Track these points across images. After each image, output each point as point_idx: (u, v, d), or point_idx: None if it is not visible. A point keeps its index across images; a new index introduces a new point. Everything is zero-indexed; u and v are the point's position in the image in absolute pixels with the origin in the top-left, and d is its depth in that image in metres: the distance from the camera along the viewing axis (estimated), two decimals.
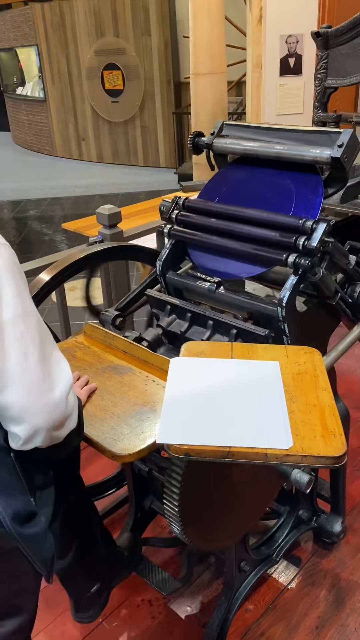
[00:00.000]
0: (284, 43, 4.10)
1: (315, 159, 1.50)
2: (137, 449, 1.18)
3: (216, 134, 1.74)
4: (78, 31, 8.93)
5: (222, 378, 1.24)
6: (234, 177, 1.74)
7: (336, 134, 1.48)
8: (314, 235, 1.37)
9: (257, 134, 1.67)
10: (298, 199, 1.55)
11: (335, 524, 1.94)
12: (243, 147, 1.66)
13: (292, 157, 1.54)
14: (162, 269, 1.70)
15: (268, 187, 1.64)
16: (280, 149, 1.56)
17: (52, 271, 1.80)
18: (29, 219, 7.21)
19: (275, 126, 1.67)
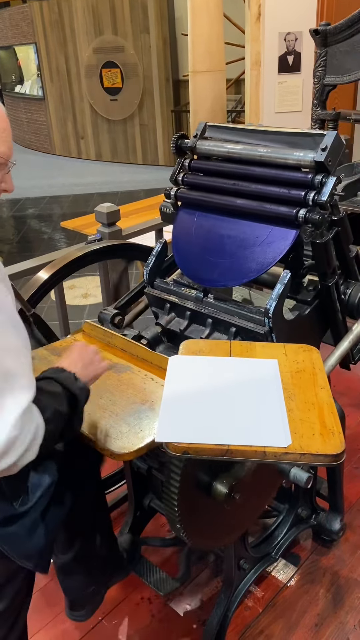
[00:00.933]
0: (282, 41, 4.09)
1: (298, 162, 1.46)
2: (136, 448, 1.18)
3: (199, 136, 1.70)
4: (76, 29, 8.92)
5: (221, 376, 1.24)
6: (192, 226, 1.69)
7: (320, 136, 1.44)
8: (324, 190, 1.37)
9: (241, 136, 1.64)
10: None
11: (334, 522, 1.94)
12: (226, 149, 1.62)
13: (275, 160, 1.51)
14: (149, 276, 1.69)
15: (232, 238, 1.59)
16: (264, 152, 1.53)
17: (51, 269, 1.80)
18: (28, 218, 7.20)
19: (259, 128, 1.64)
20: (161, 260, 1.72)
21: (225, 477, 1.28)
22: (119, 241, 2.33)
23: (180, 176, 1.70)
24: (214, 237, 1.59)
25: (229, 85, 6.85)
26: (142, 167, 9.17)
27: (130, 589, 1.87)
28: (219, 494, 1.27)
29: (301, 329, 1.53)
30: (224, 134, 1.69)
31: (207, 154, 1.70)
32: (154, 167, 9.06)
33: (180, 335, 1.60)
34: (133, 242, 2.34)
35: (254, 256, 1.48)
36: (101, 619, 1.78)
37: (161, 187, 1.74)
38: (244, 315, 1.48)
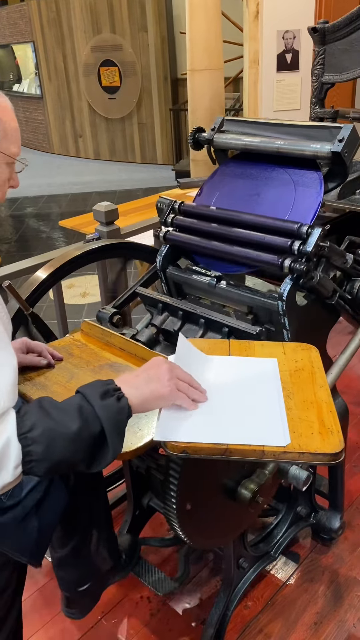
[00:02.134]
0: (280, 39, 4.08)
1: (315, 153, 1.50)
2: (135, 447, 1.18)
3: (217, 129, 1.74)
4: (74, 27, 8.90)
5: (220, 375, 1.24)
6: (233, 173, 1.74)
7: (336, 128, 1.49)
8: (309, 240, 1.37)
9: (258, 129, 1.68)
10: (298, 195, 1.55)
11: (334, 520, 1.94)
12: (243, 142, 1.67)
13: (292, 152, 1.55)
14: (162, 263, 1.70)
15: (268, 183, 1.64)
16: (281, 144, 1.57)
17: (49, 269, 1.79)
18: (26, 217, 7.19)
19: (276, 121, 1.67)
20: (175, 248, 1.73)
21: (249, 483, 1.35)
22: (117, 240, 2.32)
23: (169, 218, 1.70)
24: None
25: (227, 84, 6.84)
26: (141, 166, 9.16)
27: (130, 588, 1.87)
28: (243, 499, 1.34)
29: (312, 316, 1.55)
30: (242, 127, 1.72)
31: (224, 146, 1.74)
32: (152, 166, 9.05)
33: (175, 335, 1.60)
34: (131, 241, 2.33)
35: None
36: (100, 618, 1.78)
37: (160, 186, 1.75)
38: (257, 300, 1.48)
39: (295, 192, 1.56)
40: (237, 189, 1.70)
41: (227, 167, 1.78)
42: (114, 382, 1.02)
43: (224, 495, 1.44)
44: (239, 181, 1.71)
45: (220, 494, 1.43)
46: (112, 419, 0.96)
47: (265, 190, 1.64)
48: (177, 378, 1.07)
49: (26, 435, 0.92)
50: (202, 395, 1.11)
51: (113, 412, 0.97)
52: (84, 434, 0.95)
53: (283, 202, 1.56)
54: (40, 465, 0.93)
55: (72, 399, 0.99)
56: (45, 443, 0.92)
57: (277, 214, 1.54)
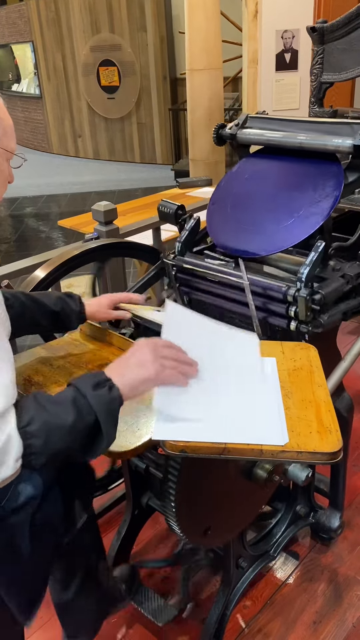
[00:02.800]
0: (279, 38, 4.08)
1: (337, 148, 1.55)
2: (134, 446, 1.18)
3: (240, 125, 1.80)
4: (73, 27, 8.90)
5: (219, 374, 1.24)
6: (254, 167, 1.80)
7: (358, 124, 1.54)
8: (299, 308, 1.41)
9: (280, 126, 1.74)
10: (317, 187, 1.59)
11: (333, 520, 1.94)
12: (266, 137, 1.74)
13: (314, 146, 1.61)
14: (180, 249, 1.72)
15: (288, 175, 1.69)
16: (303, 139, 1.63)
17: (47, 268, 1.79)
18: (26, 217, 7.19)
19: (298, 118, 1.74)
20: (194, 235, 1.76)
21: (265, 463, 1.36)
22: (116, 239, 2.32)
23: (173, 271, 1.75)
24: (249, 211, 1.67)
25: (226, 83, 6.84)
26: (140, 166, 9.16)
27: None
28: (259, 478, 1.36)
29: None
30: (264, 124, 1.78)
31: (247, 142, 1.80)
32: (151, 166, 9.05)
33: None
34: (130, 241, 2.33)
35: (288, 229, 1.54)
36: None
37: (159, 185, 1.76)
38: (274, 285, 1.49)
39: (315, 184, 1.60)
40: (256, 182, 1.75)
41: (248, 161, 1.84)
42: (104, 373, 1.04)
43: (223, 493, 1.44)
44: (259, 174, 1.77)
45: (219, 493, 1.43)
46: (105, 409, 0.99)
47: (285, 183, 1.68)
48: (161, 357, 1.06)
49: (25, 429, 0.93)
50: (192, 368, 1.10)
51: (105, 402, 0.99)
52: (80, 425, 0.97)
53: (302, 194, 1.60)
54: (39, 457, 0.95)
55: (66, 392, 1.01)
56: (44, 436, 0.94)
57: (296, 206, 1.58)
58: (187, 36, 5.22)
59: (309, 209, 1.54)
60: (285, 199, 1.62)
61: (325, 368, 1.26)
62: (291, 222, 1.54)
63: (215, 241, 1.70)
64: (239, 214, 1.68)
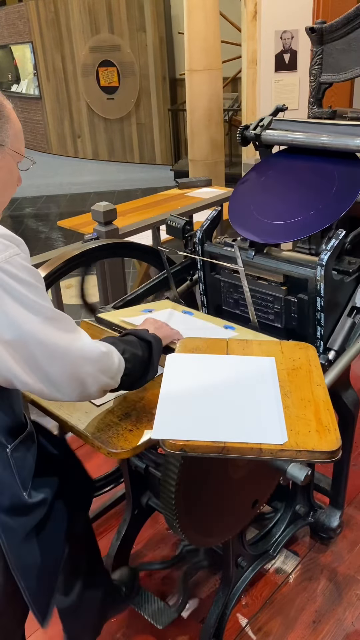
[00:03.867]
0: (278, 39, 4.08)
1: (359, 147, 1.63)
2: (133, 446, 1.18)
3: (265, 127, 1.88)
4: (73, 28, 8.90)
5: (218, 374, 1.24)
6: (277, 165, 1.88)
7: None
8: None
9: (302, 127, 1.83)
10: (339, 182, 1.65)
11: (333, 519, 1.95)
12: (290, 138, 1.83)
13: (337, 146, 1.69)
14: (201, 237, 1.81)
15: (311, 171, 1.77)
16: (326, 140, 1.72)
17: (47, 269, 1.79)
18: (25, 217, 7.19)
19: (320, 121, 1.86)
20: (214, 225, 1.86)
21: None
22: (115, 240, 2.33)
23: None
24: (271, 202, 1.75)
25: (225, 84, 6.85)
26: (139, 166, 9.16)
27: None
28: None
29: (342, 293, 1.61)
30: (287, 126, 1.87)
31: (271, 142, 1.89)
32: (150, 166, 9.05)
33: None
34: (130, 241, 2.33)
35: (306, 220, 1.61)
36: None
37: (158, 186, 1.78)
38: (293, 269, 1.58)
39: (337, 180, 1.67)
40: (279, 178, 1.83)
41: (270, 160, 1.92)
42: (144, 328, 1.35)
43: (222, 493, 1.44)
44: (282, 171, 1.85)
45: (218, 492, 1.43)
46: (157, 347, 1.28)
47: (306, 179, 1.76)
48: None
49: (123, 356, 1.18)
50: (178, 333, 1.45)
51: (157, 343, 1.29)
52: (146, 357, 1.25)
53: (323, 189, 1.66)
54: (127, 379, 1.20)
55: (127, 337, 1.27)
56: (132, 362, 1.20)
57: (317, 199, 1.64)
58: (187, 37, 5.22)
59: (329, 202, 1.60)
60: (307, 192, 1.69)
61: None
62: (312, 214, 1.60)
63: (237, 228, 1.76)
64: (261, 204, 1.76)
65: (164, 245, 2.87)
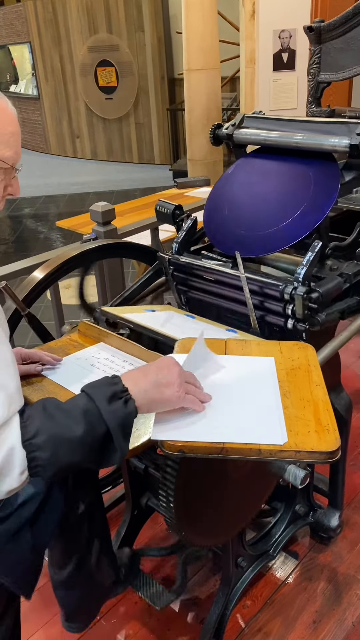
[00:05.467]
0: (277, 38, 4.08)
1: (334, 147, 1.55)
2: (132, 447, 1.17)
3: (237, 125, 1.80)
4: (71, 28, 8.89)
5: (217, 374, 1.24)
6: (251, 167, 1.80)
7: (354, 124, 1.54)
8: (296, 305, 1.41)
9: (277, 125, 1.74)
10: (315, 186, 1.59)
11: (332, 519, 1.94)
12: (263, 137, 1.74)
13: (311, 146, 1.60)
14: (178, 249, 1.73)
15: (285, 175, 1.69)
16: (299, 139, 1.63)
17: (45, 269, 1.79)
18: (24, 217, 7.19)
19: (294, 118, 1.74)
20: (191, 236, 1.77)
21: None
22: (114, 240, 2.32)
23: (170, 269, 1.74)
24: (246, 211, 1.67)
25: (224, 83, 6.84)
26: (138, 166, 9.16)
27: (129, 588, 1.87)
28: None
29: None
30: (261, 124, 1.78)
31: (244, 141, 1.80)
32: (149, 166, 9.05)
33: None
34: (128, 241, 2.33)
35: (284, 229, 1.54)
36: (99, 619, 1.78)
37: (157, 186, 1.76)
38: (271, 283, 1.49)
39: (313, 184, 1.60)
40: (253, 183, 1.75)
41: (244, 161, 1.83)
42: (122, 382, 0.99)
43: (221, 493, 1.44)
44: (256, 175, 1.77)
45: (218, 492, 1.43)
46: (119, 423, 0.95)
47: (281, 183, 1.69)
48: (186, 382, 1.04)
49: (31, 442, 0.90)
50: (207, 396, 1.09)
51: (120, 417, 0.95)
52: (90, 439, 0.93)
53: (299, 194, 1.60)
54: (47, 470, 0.92)
55: (78, 399, 0.96)
56: (51, 449, 0.91)
57: (293, 206, 1.58)
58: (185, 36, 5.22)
59: (305, 209, 1.54)
60: (282, 199, 1.62)
61: (323, 368, 1.26)
62: (288, 222, 1.54)
63: (212, 241, 1.69)
64: (236, 214, 1.68)
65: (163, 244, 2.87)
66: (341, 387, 1.74)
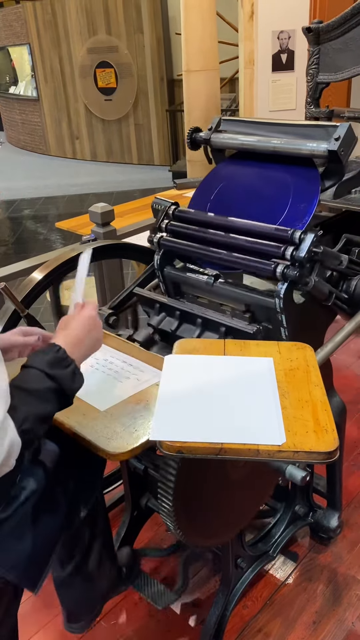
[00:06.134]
0: (275, 39, 4.08)
1: (312, 152, 1.51)
2: (131, 447, 1.18)
3: (214, 129, 1.75)
4: (70, 29, 8.90)
5: (216, 375, 1.24)
6: (230, 173, 1.75)
7: (333, 127, 1.50)
8: (302, 246, 1.37)
9: (255, 129, 1.69)
10: (295, 193, 1.56)
11: (332, 519, 1.95)
12: (240, 141, 1.68)
13: (289, 150, 1.56)
14: (160, 262, 1.69)
15: (265, 182, 1.64)
16: (277, 143, 1.58)
17: (44, 270, 1.79)
18: (24, 218, 7.19)
19: (272, 121, 1.68)
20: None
21: None
22: (113, 241, 2.33)
23: (163, 223, 1.69)
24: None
25: (223, 84, 6.84)
26: (138, 167, 9.16)
27: (129, 589, 1.87)
28: None
29: (309, 314, 1.54)
30: (239, 127, 1.73)
31: (221, 146, 1.74)
32: (149, 167, 9.05)
33: (172, 335, 1.60)
34: (127, 242, 2.33)
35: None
36: (99, 620, 1.78)
37: (157, 187, 1.75)
38: (254, 298, 1.48)
39: (292, 192, 1.56)
40: (233, 189, 1.70)
41: (223, 167, 1.78)
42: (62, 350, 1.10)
43: (221, 494, 1.44)
44: (236, 181, 1.71)
45: (217, 493, 1.43)
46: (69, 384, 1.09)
47: (261, 190, 1.64)
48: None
49: (22, 429, 0.99)
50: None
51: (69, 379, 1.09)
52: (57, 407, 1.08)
53: (280, 201, 1.57)
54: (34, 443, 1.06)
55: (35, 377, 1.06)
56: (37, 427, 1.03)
57: (274, 214, 1.54)
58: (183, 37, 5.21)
59: (286, 218, 1.52)
60: (263, 208, 1.58)
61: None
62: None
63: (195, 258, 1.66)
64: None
65: None
66: (334, 392, 1.73)
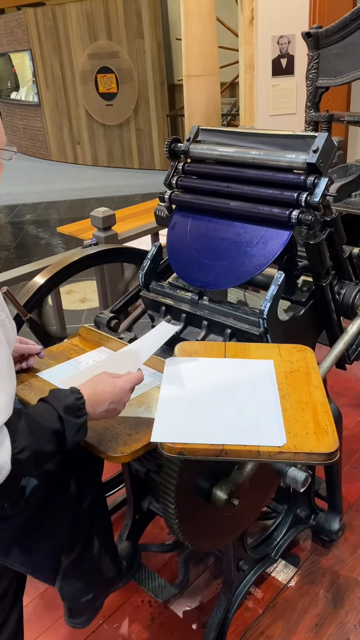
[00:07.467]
0: (275, 44, 4.10)
1: (290, 164, 1.47)
2: (132, 450, 1.18)
3: (192, 139, 1.72)
4: (71, 35, 8.95)
5: (217, 377, 1.25)
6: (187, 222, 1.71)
7: (311, 138, 1.45)
8: (316, 191, 1.37)
9: (234, 139, 1.65)
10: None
11: (334, 522, 1.95)
12: (219, 152, 1.64)
13: (267, 162, 1.52)
14: (144, 279, 1.69)
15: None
16: (256, 154, 1.54)
17: (47, 274, 1.80)
18: (25, 223, 7.21)
19: (251, 131, 1.65)
20: (156, 263, 1.72)
21: (225, 484, 1.29)
22: (114, 245, 2.34)
23: (174, 179, 1.70)
24: (208, 240, 1.60)
25: (223, 89, 6.87)
26: (139, 172, 9.19)
27: (131, 592, 1.87)
28: (219, 500, 1.29)
29: (296, 330, 1.54)
30: (217, 137, 1.70)
31: (200, 157, 1.70)
32: (150, 172, 9.09)
33: (176, 337, 1.61)
34: (128, 246, 2.34)
35: (248, 258, 1.49)
36: (102, 623, 1.78)
37: (158, 191, 1.75)
38: (238, 316, 1.48)
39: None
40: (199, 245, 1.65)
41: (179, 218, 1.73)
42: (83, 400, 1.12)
43: None
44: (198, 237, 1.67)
45: None
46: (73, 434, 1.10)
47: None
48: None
49: (16, 457, 1.01)
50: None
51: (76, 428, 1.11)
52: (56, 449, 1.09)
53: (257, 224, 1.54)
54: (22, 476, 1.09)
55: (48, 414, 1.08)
56: (31, 462, 1.05)
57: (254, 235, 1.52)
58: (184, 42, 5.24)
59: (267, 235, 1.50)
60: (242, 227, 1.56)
61: None
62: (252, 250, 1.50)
63: (178, 273, 1.66)
64: (200, 242, 1.62)
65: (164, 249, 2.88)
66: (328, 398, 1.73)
